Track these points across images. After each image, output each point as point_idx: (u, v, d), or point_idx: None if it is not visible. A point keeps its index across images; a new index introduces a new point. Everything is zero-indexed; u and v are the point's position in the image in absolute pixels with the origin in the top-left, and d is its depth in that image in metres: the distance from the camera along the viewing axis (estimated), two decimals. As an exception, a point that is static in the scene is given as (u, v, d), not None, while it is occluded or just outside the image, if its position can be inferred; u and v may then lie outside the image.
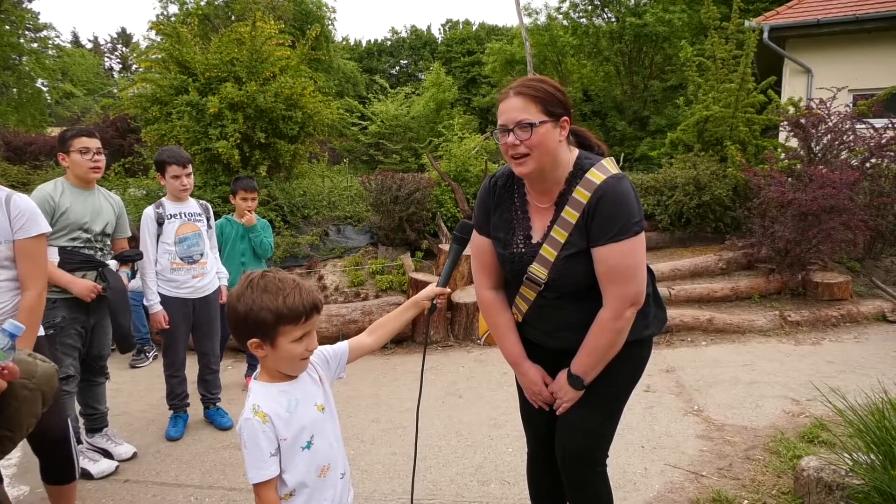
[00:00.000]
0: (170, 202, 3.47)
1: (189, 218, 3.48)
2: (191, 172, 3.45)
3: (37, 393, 1.44)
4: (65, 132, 3.08)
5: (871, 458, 2.13)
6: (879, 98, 6.79)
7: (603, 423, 1.85)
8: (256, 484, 1.40)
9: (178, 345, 3.52)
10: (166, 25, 7.72)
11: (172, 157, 3.38)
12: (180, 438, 3.51)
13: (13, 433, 1.41)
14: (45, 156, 12.26)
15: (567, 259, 1.68)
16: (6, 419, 1.38)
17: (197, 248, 3.48)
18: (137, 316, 5.10)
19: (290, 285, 1.40)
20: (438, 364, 4.81)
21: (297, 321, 1.39)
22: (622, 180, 1.65)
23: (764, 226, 5.96)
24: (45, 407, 1.50)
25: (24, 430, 1.45)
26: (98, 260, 3.04)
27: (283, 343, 1.40)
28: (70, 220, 2.89)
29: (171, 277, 3.42)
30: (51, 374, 1.50)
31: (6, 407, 1.37)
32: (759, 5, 14.86)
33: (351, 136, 17.85)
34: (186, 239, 3.45)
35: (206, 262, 3.52)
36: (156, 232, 3.40)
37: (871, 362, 4.44)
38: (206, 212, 3.64)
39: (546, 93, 1.63)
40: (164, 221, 3.41)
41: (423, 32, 37.36)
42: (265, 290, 1.38)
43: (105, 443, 3.30)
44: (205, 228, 3.57)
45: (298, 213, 7.35)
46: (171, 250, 3.41)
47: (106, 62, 39.65)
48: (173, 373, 3.54)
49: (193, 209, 3.55)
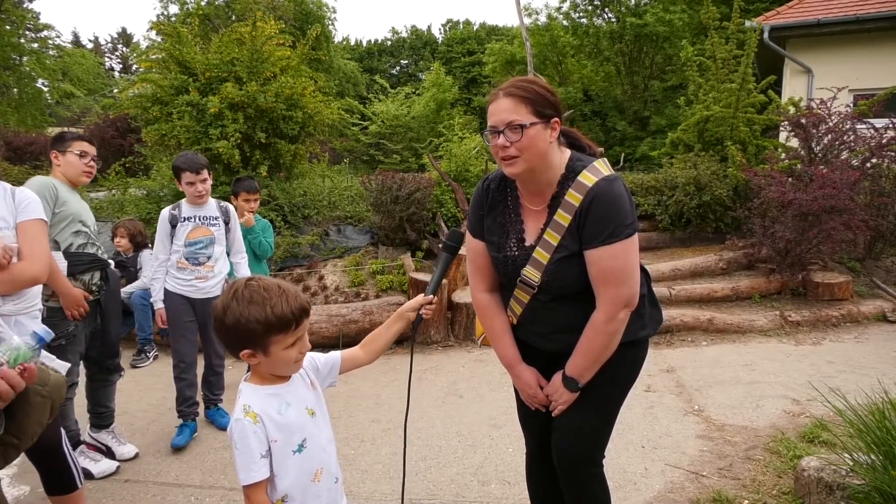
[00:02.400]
0: (186, 205, 3.48)
1: (203, 222, 3.48)
2: (206, 178, 3.42)
3: (47, 401, 1.44)
4: (65, 133, 3.06)
5: (871, 459, 2.13)
6: (880, 98, 6.79)
7: (599, 424, 1.84)
8: (247, 486, 1.38)
9: (180, 342, 3.50)
10: (167, 25, 7.72)
11: (186, 164, 3.38)
12: (184, 448, 3.42)
13: (20, 441, 1.40)
14: (45, 156, 12.24)
15: (560, 262, 1.68)
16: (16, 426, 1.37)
17: (204, 252, 3.47)
18: (144, 315, 5.11)
19: (276, 293, 1.37)
20: (439, 364, 4.81)
21: (287, 329, 1.37)
22: (614, 182, 1.64)
23: (764, 226, 5.96)
24: (52, 417, 1.50)
25: (30, 440, 1.44)
26: (103, 259, 3.07)
27: (275, 351, 1.38)
28: (71, 211, 2.89)
29: (176, 275, 3.46)
30: (61, 383, 1.50)
31: (17, 412, 1.36)
32: (760, 5, 14.85)
33: (351, 136, 17.85)
34: (197, 242, 3.46)
35: (212, 266, 3.50)
36: (168, 232, 3.44)
37: (871, 362, 4.44)
38: (225, 214, 3.59)
39: (536, 94, 1.62)
40: (178, 224, 3.43)
41: (423, 32, 37.38)
42: (251, 300, 1.35)
43: (110, 440, 3.32)
44: (221, 232, 3.55)
45: (299, 213, 7.35)
46: (179, 251, 3.44)
47: (106, 62, 39.68)
48: (178, 373, 3.51)
49: (210, 213, 3.52)
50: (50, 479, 2.31)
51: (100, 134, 12.08)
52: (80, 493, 2.37)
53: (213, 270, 3.50)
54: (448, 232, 1.87)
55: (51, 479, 2.31)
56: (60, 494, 2.33)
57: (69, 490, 2.33)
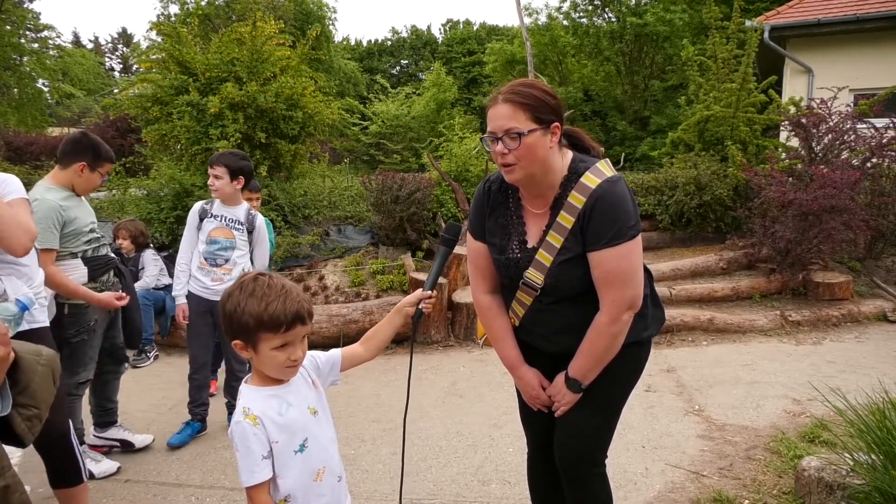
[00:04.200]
0: (219, 203, 3.48)
1: (228, 224, 3.46)
2: (218, 175, 3.36)
3: (48, 369, 1.46)
4: (100, 148, 2.94)
5: (871, 458, 2.13)
6: (880, 98, 6.78)
7: (602, 424, 1.84)
8: (249, 487, 1.38)
9: (193, 343, 3.51)
10: (166, 26, 7.73)
11: (212, 157, 3.43)
12: (179, 448, 3.41)
13: (40, 409, 1.41)
14: (45, 156, 12.26)
15: (563, 264, 1.67)
16: (30, 395, 1.38)
17: (223, 254, 3.45)
18: (146, 315, 5.11)
19: (277, 292, 1.37)
20: (439, 364, 4.81)
21: (276, 330, 1.36)
22: (617, 183, 1.63)
23: (765, 226, 5.95)
24: (55, 387, 1.51)
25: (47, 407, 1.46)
26: (112, 257, 3.11)
27: (263, 349, 1.39)
28: (80, 224, 2.90)
29: (195, 276, 3.46)
30: (54, 356, 1.52)
31: (29, 382, 1.37)
32: (760, 5, 14.84)
33: (352, 136, 17.86)
34: (217, 242, 3.44)
35: (230, 269, 3.46)
36: (196, 225, 3.45)
37: (871, 362, 4.44)
38: (249, 223, 3.54)
39: (535, 99, 1.59)
40: (206, 219, 3.44)
41: (423, 32, 37.36)
42: (252, 294, 1.37)
43: (122, 433, 3.38)
44: (244, 238, 3.51)
45: (299, 213, 7.36)
46: (201, 249, 3.44)
47: (106, 62, 39.70)
48: (190, 373, 3.52)
49: (237, 216, 3.50)
50: (56, 470, 2.32)
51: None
52: (84, 488, 2.39)
53: (231, 273, 3.45)
54: (446, 224, 1.86)
55: (57, 471, 2.32)
56: (65, 487, 2.34)
57: (74, 483, 2.34)
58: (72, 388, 2.89)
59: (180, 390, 4.30)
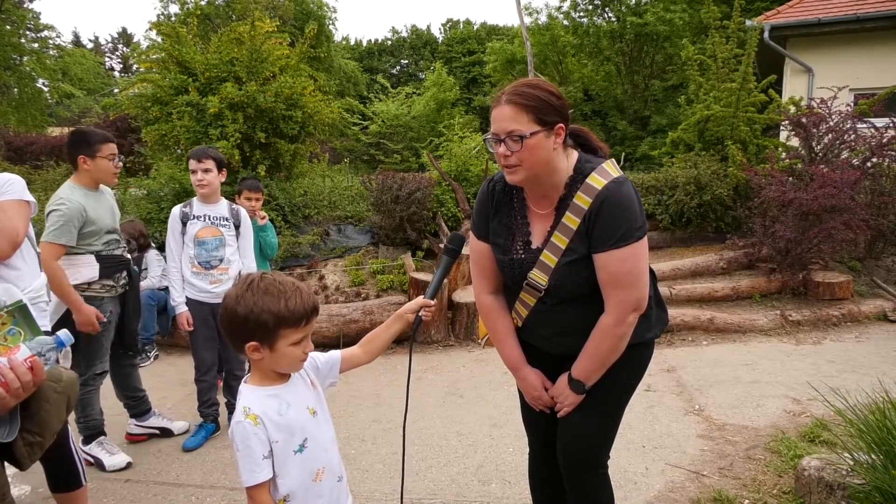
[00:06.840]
0: (198, 203, 3.41)
1: (213, 222, 3.40)
2: (209, 168, 3.30)
3: (63, 396, 1.45)
4: (88, 134, 2.98)
5: (872, 458, 2.13)
6: (880, 97, 6.78)
7: (604, 426, 1.84)
8: (250, 487, 1.38)
9: (198, 346, 3.48)
10: (166, 25, 7.72)
11: (192, 152, 3.37)
12: (194, 450, 3.39)
13: (43, 438, 1.41)
14: (45, 156, 12.27)
15: (568, 265, 1.66)
16: (38, 423, 1.38)
17: (216, 255, 3.40)
18: (148, 315, 5.12)
19: (291, 288, 1.38)
20: (439, 364, 4.81)
21: (297, 324, 1.38)
22: (624, 184, 1.61)
23: (765, 225, 5.95)
24: (69, 413, 1.51)
25: (52, 435, 1.45)
26: (126, 257, 3.15)
27: (282, 346, 1.39)
28: (101, 226, 2.94)
29: (191, 281, 3.39)
30: (74, 380, 1.52)
31: (39, 410, 1.37)
32: (760, 4, 14.86)
33: (352, 135, 17.87)
34: (205, 243, 3.37)
35: (226, 269, 3.42)
36: (180, 230, 3.37)
37: (872, 362, 4.44)
38: (235, 218, 3.49)
39: (538, 100, 1.56)
40: (188, 221, 3.36)
41: (423, 32, 37.39)
42: (266, 292, 1.36)
43: (161, 421, 3.48)
44: (231, 234, 3.46)
45: (299, 212, 7.35)
46: (190, 253, 3.37)
47: (106, 62, 39.71)
48: (199, 376, 3.51)
49: (221, 213, 3.44)
50: (55, 475, 2.31)
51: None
52: (83, 491, 2.38)
53: (228, 273, 3.43)
54: (450, 235, 1.85)
55: (56, 476, 2.32)
56: (64, 491, 2.34)
57: (73, 487, 2.34)
58: (89, 379, 3.00)
59: (181, 390, 4.30)
